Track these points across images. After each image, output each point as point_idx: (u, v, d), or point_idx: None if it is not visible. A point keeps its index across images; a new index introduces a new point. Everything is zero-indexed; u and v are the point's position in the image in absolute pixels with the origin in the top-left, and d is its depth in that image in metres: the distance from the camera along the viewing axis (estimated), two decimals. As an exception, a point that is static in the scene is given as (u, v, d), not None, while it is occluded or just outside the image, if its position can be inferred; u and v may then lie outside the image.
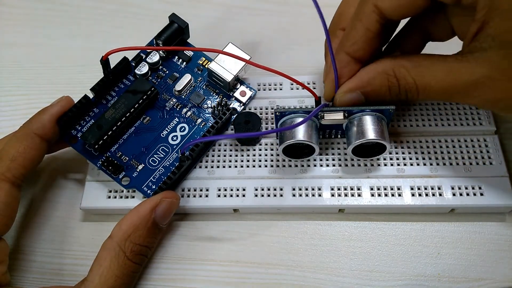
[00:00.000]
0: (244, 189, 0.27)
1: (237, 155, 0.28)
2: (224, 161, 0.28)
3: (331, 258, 0.26)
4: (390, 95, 0.23)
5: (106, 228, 0.25)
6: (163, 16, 0.29)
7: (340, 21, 0.26)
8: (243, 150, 0.28)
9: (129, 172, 0.27)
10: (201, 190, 0.27)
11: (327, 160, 0.27)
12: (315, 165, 0.27)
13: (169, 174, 0.26)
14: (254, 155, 0.28)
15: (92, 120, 0.27)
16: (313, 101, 0.26)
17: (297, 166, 0.27)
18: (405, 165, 0.27)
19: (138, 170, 0.27)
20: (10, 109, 0.33)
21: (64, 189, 0.29)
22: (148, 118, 0.28)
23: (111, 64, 0.27)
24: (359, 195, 0.26)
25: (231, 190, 0.27)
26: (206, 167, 0.28)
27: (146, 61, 0.29)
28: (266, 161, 0.27)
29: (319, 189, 0.26)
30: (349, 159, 0.27)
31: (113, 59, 0.27)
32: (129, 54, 0.28)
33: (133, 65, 0.29)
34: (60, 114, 0.26)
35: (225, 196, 0.27)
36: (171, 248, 0.27)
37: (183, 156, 0.25)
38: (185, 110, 0.29)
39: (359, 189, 0.26)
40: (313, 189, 0.26)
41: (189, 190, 0.27)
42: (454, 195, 0.26)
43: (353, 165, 0.27)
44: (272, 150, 0.28)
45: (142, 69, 0.29)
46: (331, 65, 0.24)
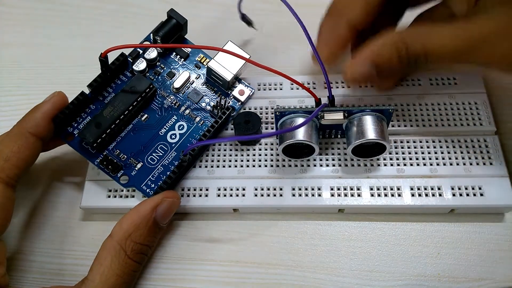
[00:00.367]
0: (244, 189, 0.27)
1: (237, 155, 0.28)
2: (224, 161, 0.28)
3: (331, 258, 0.26)
4: (400, 64, 0.23)
5: (106, 227, 0.25)
6: (163, 16, 0.29)
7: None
8: (243, 150, 0.28)
9: (127, 170, 0.27)
10: (201, 189, 0.27)
11: (327, 160, 0.27)
12: (315, 165, 0.27)
13: (170, 173, 0.26)
14: (254, 155, 0.28)
15: (88, 117, 0.27)
16: (313, 101, 0.26)
17: (297, 166, 0.27)
18: (405, 165, 0.27)
19: (136, 168, 0.27)
20: (10, 109, 0.33)
21: (64, 189, 0.29)
22: (146, 115, 0.28)
23: (109, 61, 0.27)
24: (359, 195, 0.26)
25: (231, 189, 0.27)
26: (206, 166, 0.28)
27: (144, 57, 0.29)
28: (266, 161, 0.27)
29: (319, 189, 0.26)
30: (349, 159, 0.27)
31: (111, 58, 0.27)
32: (128, 51, 0.28)
33: (130, 61, 0.29)
34: (53, 111, 0.25)
35: (225, 195, 0.27)
36: (171, 248, 0.27)
37: (185, 157, 0.25)
38: (183, 108, 0.28)
39: (359, 189, 0.26)
40: (313, 189, 0.26)
41: (189, 189, 0.27)
42: (454, 195, 0.26)
43: (353, 165, 0.27)
44: (272, 150, 0.28)
45: (139, 65, 0.28)
46: (323, 31, 0.26)
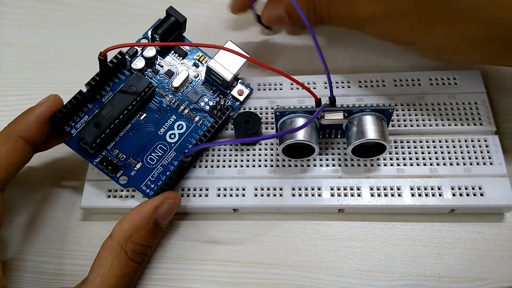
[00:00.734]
0: (244, 189, 0.27)
1: (237, 155, 0.28)
2: (224, 161, 0.28)
3: (331, 258, 0.26)
4: (308, 18, 0.25)
5: (106, 227, 0.25)
6: (163, 16, 0.29)
7: None
8: (243, 150, 0.28)
9: (127, 171, 0.26)
10: (201, 189, 0.27)
11: (327, 160, 0.27)
12: (315, 165, 0.27)
13: (171, 174, 0.26)
14: (254, 155, 0.28)
15: (86, 116, 0.27)
16: (313, 101, 0.26)
17: (297, 166, 0.27)
18: (405, 165, 0.27)
19: (136, 168, 0.27)
20: (10, 109, 0.32)
21: (64, 189, 0.29)
22: (145, 115, 0.28)
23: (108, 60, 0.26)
24: (359, 195, 0.26)
25: (231, 189, 0.27)
26: (206, 166, 0.28)
27: (142, 56, 0.28)
28: (266, 160, 0.27)
29: (319, 189, 0.26)
30: (349, 159, 0.27)
31: (111, 57, 0.27)
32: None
33: (128, 60, 0.28)
34: (46, 114, 0.25)
35: (225, 195, 0.27)
36: (171, 248, 0.27)
37: (186, 158, 0.25)
38: (182, 107, 0.28)
39: (359, 189, 0.26)
40: (313, 189, 0.26)
41: (189, 189, 0.27)
42: (454, 195, 0.26)
43: (353, 165, 0.27)
44: (272, 150, 0.28)
45: (138, 64, 0.28)
46: None
